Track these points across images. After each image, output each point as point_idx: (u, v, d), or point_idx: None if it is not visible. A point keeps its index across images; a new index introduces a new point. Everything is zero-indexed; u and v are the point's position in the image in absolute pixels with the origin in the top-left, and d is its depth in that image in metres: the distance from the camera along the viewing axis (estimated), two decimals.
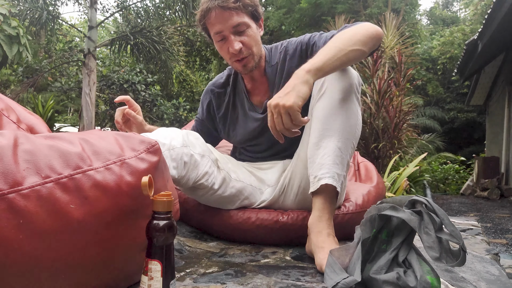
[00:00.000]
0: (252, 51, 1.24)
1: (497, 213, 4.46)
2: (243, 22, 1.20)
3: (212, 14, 1.19)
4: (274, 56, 1.32)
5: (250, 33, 1.22)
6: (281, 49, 1.32)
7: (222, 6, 1.16)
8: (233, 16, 1.18)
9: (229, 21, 1.18)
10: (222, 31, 1.20)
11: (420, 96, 9.64)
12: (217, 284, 0.85)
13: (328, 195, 1.05)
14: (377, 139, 4.53)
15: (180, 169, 1.10)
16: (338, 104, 1.09)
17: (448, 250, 0.74)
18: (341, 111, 1.09)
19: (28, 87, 7.24)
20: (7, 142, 0.61)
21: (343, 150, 1.07)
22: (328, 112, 1.09)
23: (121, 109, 1.32)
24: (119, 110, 1.33)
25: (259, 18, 1.27)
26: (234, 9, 1.17)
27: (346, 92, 1.10)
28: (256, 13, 1.24)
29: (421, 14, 17.96)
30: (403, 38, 5.29)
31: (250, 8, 1.21)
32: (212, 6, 1.17)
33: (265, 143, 1.37)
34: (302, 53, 1.26)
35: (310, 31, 8.68)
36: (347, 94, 1.10)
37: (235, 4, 1.17)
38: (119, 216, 0.67)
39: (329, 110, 1.09)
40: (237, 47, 1.20)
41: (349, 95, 1.10)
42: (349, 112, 1.10)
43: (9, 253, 0.56)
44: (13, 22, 4.44)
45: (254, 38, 1.23)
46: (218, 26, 1.20)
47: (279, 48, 1.33)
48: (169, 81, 8.79)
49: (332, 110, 1.09)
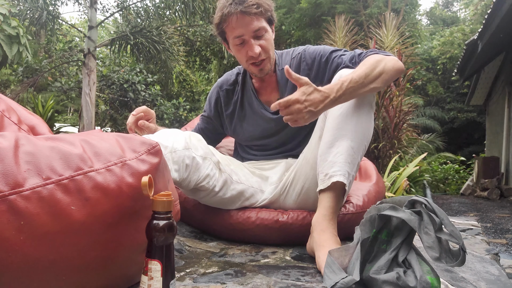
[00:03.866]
0: (269, 55, 1.29)
1: (497, 213, 4.46)
2: (263, 27, 1.24)
3: (233, 19, 1.22)
4: (284, 60, 1.36)
5: (268, 37, 1.27)
6: (294, 55, 1.36)
7: (245, 11, 1.20)
8: (254, 21, 1.22)
9: (250, 25, 1.22)
10: (243, 35, 1.23)
11: (420, 96, 9.64)
12: (217, 284, 0.86)
13: (336, 193, 1.06)
14: (377, 139, 4.53)
15: (181, 172, 1.11)
16: (354, 106, 1.11)
17: (448, 250, 0.74)
18: (356, 113, 1.10)
19: (28, 87, 7.24)
20: (8, 144, 0.61)
21: (356, 150, 1.09)
22: (343, 113, 1.11)
23: (135, 117, 1.36)
24: (133, 117, 1.36)
25: (273, 22, 1.31)
26: (255, 15, 1.21)
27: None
28: (272, 17, 1.29)
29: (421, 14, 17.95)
30: (403, 38, 5.28)
31: (268, 13, 1.26)
32: (234, 11, 1.20)
33: (274, 143, 1.39)
34: (321, 64, 1.29)
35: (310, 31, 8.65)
36: (363, 97, 1.12)
37: (257, 10, 1.21)
38: (120, 218, 0.67)
39: (345, 111, 1.11)
40: (257, 51, 1.24)
41: (365, 99, 1.12)
42: (364, 114, 1.12)
43: (10, 254, 0.56)
44: (13, 22, 4.44)
45: (270, 42, 1.28)
46: (239, 30, 1.23)
47: (291, 53, 1.37)
48: (169, 81, 8.79)
49: (347, 111, 1.11)
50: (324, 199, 1.07)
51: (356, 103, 1.11)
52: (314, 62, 1.30)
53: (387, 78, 1.10)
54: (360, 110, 1.11)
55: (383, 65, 1.11)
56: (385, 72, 1.10)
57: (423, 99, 10.50)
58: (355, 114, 1.10)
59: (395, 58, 1.15)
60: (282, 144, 1.39)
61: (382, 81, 1.09)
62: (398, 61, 1.14)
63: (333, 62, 1.26)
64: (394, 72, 1.12)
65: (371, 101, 1.15)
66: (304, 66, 1.31)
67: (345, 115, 1.10)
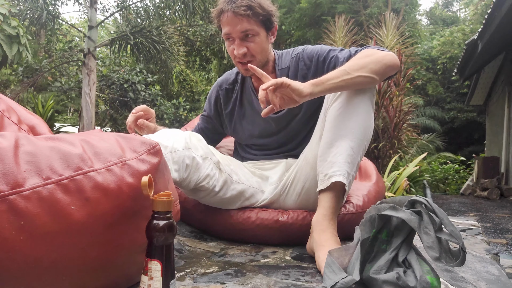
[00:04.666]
0: (256, 58, 1.28)
1: (497, 213, 4.46)
2: (252, 30, 1.24)
3: (224, 16, 1.24)
4: (284, 60, 1.36)
5: (257, 40, 1.26)
6: (293, 54, 1.36)
7: (234, 11, 1.21)
8: (243, 22, 1.22)
9: (238, 26, 1.23)
10: (230, 34, 1.25)
11: (420, 96, 9.64)
12: (217, 284, 0.86)
13: (336, 193, 1.06)
14: (377, 139, 4.53)
15: (181, 172, 1.11)
16: (354, 106, 1.11)
17: (447, 250, 0.74)
18: (356, 113, 1.10)
19: (28, 87, 7.23)
20: (8, 144, 0.61)
21: (355, 150, 1.08)
22: (343, 113, 1.11)
23: (135, 116, 1.35)
24: (133, 116, 1.36)
25: (271, 27, 1.30)
26: (245, 16, 1.22)
27: (362, 94, 1.12)
28: (269, 22, 1.28)
29: (421, 14, 17.95)
30: (403, 38, 5.28)
31: (261, 17, 1.25)
32: (225, 9, 1.22)
33: (274, 143, 1.40)
34: (318, 63, 1.29)
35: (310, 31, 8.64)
36: (363, 96, 1.12)
37: (246, 12, 1.21)
38: (120, 218, 0.67)
39: (344, 110, 1.11)
40: (241, 52, 1.25)
41: (365, 98, 1.12)
42: (364, 114, 1.11)
43: (10, 254, 0.56)
44: (13, 22, 4.44)
45: (260, 45, 1.27)
46: (227, 28, 1.24)
47: (291, 53, 1.37)
48: (169, 81, 8.79)
49: (347, 111, 1.10)
50: (324, 199, 1.07)
51: (356, 103, 1.11)
52: (312, 61, 1.31)
53: (376, 69, 1.09)
54: (360, 110, 1.11)
55: (371, 56, 1.11)
56: (373, 62, 1.09)
57: (423, 99, 10.50)
58: (355, 114, 1.10)
59: (389, 53, 1.13)
60: (282, 144, 1.39)
61: (370, 71, 1.08)
62: (392, 55, 1.13)
63: (330, 61, 1.27)
64: (384, 64, 1.10)
65: (371, 101, 1.15)
66: (302, 65, 1.32)
67: (345, 115, 1.10)
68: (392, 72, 1.15)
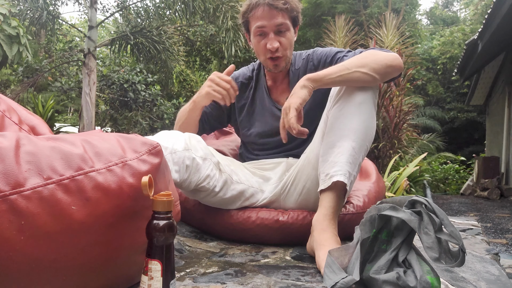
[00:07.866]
0: (286, 53, 1.32)
1: (497, 213, 4.46)
2: (285, 24, 1.28)
3: (259, 9, 1.26)
4: (297, 61, 1.40)
5: (288, 35, 1.30)
6: (305, 56, 1.40)
7: (272, 4, 1.24)
8: (279, 16, 1.26)
9: (273, 19, 1.26)
10: (265, 27, 1.27)
11: (420, 96, 9.64)
12: (217, 284, 0.86)
13: (337, 193, 1.06)
14: (377, 139, 4.53)
15: (182, 173, 1.11)
16: (356, 106, 1.11)
17: (447, 251, 0.74)
18: (358, 113, 1.11)
19: (28, 87, 7.23)
20: (9, 144, 0.61)
21: (357, 151, 1.09)
22: (345, 113, 1.11)
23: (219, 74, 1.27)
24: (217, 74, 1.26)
25: (297, 25, 1.34)
26: (281, 10, 1.25)
27: (365, 94, 1.12)
28: (297, 19, 1.32)
29: (421, 14, 17.96)
30: (403, 38, 5.28)
31: (294, 13, 1.29)
32: (262, 2, 1.25)
33: (276, 142, 1.40)
34: (325, 65, 1.32)
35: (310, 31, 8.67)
36: (365, 97, 1.12)
37: (284, 6, 1.25)
38: (121, 218, 0.67)
39: (347, 110, 1.11)
40: (275, 45, 1.27)
41: (367, 99, 1.12)
42: (366, 114, 1.11)
43: (10, 254, 0.56)
44: (13, 22, 4.44)
45: (290, 41, 1.32)
46: (262, 22, 1.27)
47: (303, 55, 1.41)
48: (169, 81, 8.79)
49: (350, 111, 1.11)
50: (325, 199, 1.07)
51: (358, 103, 1.11)
52: (320, 62, 1.35)
53: (376, 68, 1.10)
54: (362, 110, 1.11)
55: (373, 55, 1.13)
56: (374, 61, 1.11)
57: (423, 99, 10.50)
58: (357, 114, 1.10)
59: (392, 54, 1.15)
60: (284, 143, 1.38)
61: (370, 69, 1.09)
62: (394, 56, 1.14)
63: (336, 62, 1.29)
64: (385, 63, 1.12)
65: (374, 102, 1.15)
66: (311, 66, 1.37)
67: (347, 115, 1.10)
68: (395, 73, 1.15)
